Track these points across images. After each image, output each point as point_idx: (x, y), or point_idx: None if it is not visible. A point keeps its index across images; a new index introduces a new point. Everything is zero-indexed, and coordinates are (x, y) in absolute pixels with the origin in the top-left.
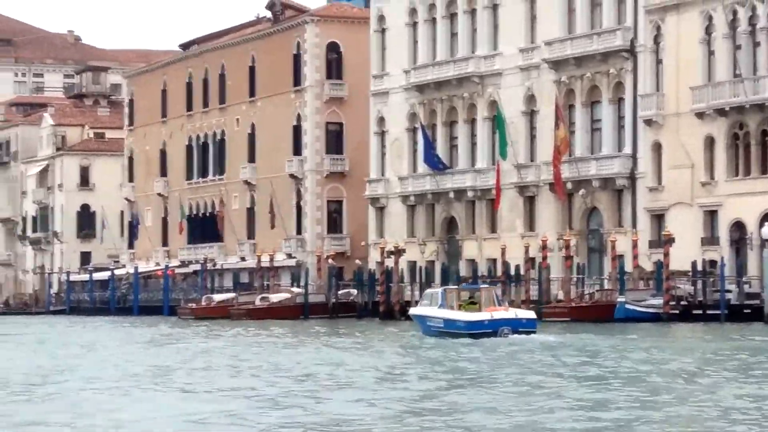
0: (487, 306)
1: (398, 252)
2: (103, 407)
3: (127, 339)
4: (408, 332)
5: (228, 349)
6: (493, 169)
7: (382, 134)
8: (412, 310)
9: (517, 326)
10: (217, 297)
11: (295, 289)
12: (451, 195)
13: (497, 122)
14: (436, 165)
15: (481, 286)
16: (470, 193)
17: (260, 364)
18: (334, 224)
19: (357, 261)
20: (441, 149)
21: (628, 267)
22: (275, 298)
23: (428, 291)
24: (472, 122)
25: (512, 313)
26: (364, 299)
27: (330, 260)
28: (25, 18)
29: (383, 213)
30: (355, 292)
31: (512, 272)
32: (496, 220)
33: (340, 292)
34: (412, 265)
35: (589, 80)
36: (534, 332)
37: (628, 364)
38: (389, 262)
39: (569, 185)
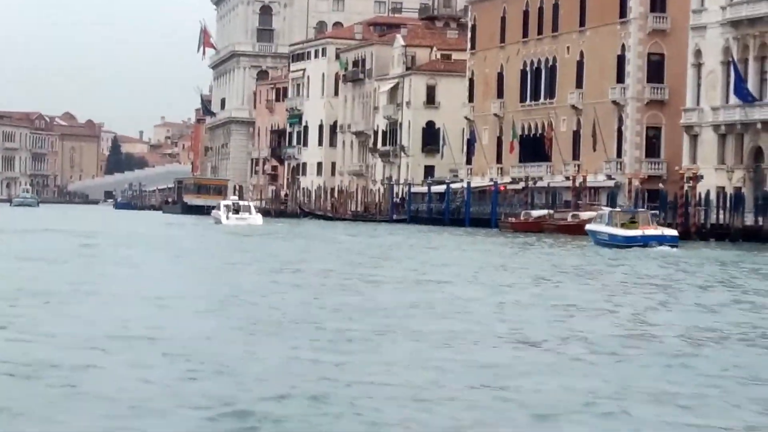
0: (643, 225)
1: (696, 178)
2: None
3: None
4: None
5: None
6: None
7: (698, 66)
8: (588, 227)
9: (663, 241)
10: (535, 213)
11: (605, 208)
12: (759, 126)
13: None
14: (745, 97)
15: (639, 209)
16: None
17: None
18: (652, 149)
19: (660, 185)
20: (751, 82)
21: None
22: (584, 215)
23: (599, 212)
24: None
25: (660, 231)
26: (666, 221)
27: (637, 182)
28: None
29: (696, 140)
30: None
31: None
32: None
33: None
34: (721, 190)
35: None
36: (676, 246)
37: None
38: (702, 187)
39: None
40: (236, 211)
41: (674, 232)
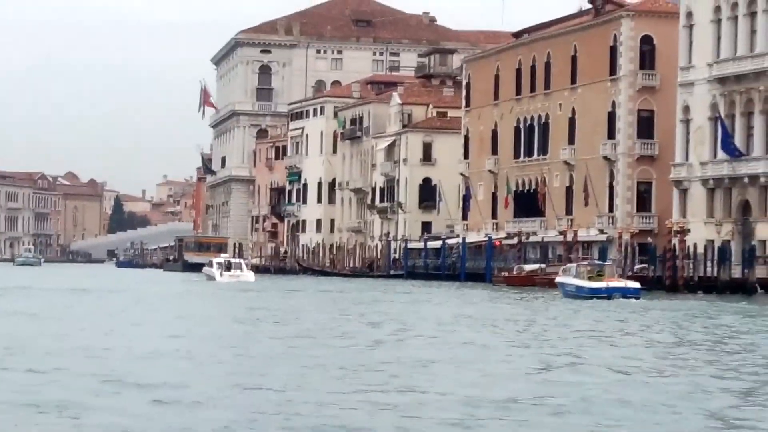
0: (609, 277)
1: (683, 231)
2: None
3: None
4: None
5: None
6: None
7: (687, 122)
8: (557, 279)
9: (626, 293)
10: (527, 267)
11: (597, 263)
12: (746, 180)
13: None
14: (732, 152)
15: (605, 263)
16: (763, 179)
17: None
18: (643, 204)
19: (649, 239)
20: (738, 137)
21: None
22: None
23: (567, 266)
24: (767, 113)
25: (623, 283)
26: (655, 274)
27: (628, 237)
28: (384, 0)
29: (686, 195)
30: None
31: None
32: None
33: (637, 267)
34: (710, 243)
35: None
36: (638, 298)
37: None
38: (691, 240)
39: None
40: (228, 268)
41: (637, 285)
